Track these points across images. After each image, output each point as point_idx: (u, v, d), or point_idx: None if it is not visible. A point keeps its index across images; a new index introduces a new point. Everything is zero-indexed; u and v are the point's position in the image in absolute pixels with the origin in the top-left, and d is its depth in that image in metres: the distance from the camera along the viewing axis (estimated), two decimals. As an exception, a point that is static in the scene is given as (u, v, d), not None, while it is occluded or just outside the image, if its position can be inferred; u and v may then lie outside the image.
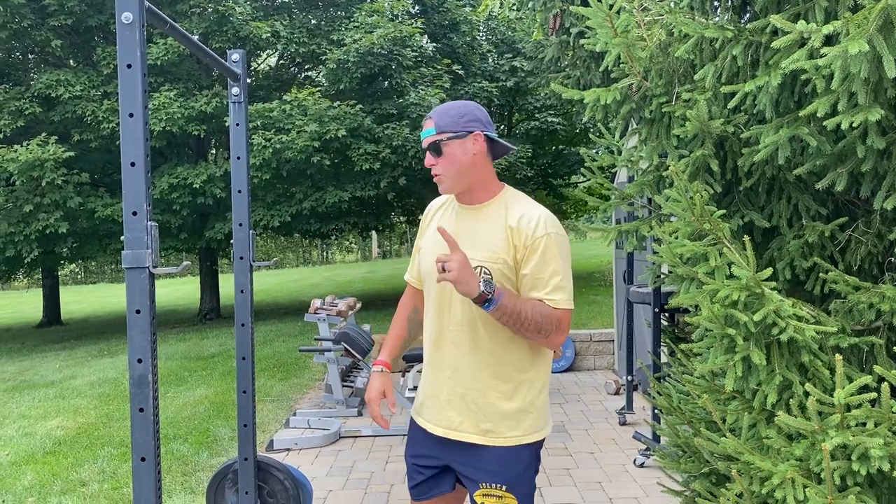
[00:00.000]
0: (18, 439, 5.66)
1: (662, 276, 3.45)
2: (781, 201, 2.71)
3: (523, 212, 2.06)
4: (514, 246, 2.03)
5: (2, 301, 27.12)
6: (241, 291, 3.06)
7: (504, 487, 2.08)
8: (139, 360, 1.96)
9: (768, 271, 2.22)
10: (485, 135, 2.09)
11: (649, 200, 3.58)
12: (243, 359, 3.05)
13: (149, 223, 1.95)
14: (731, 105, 2.46)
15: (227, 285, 16.62)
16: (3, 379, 8.73)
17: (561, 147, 16.44)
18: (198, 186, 11.02)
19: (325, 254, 40.89)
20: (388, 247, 38.38)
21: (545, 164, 15.99)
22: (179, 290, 24.24)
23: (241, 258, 3.08)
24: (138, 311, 1.95)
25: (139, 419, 1.98)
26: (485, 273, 2.04)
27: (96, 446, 5.31)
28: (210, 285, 14.00)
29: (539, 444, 2.16)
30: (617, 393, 6.43)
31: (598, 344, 7.66)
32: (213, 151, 13.89)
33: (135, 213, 1.94)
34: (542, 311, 2.00)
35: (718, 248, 2.38)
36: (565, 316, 2.03)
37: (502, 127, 16.00)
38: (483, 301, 1.93)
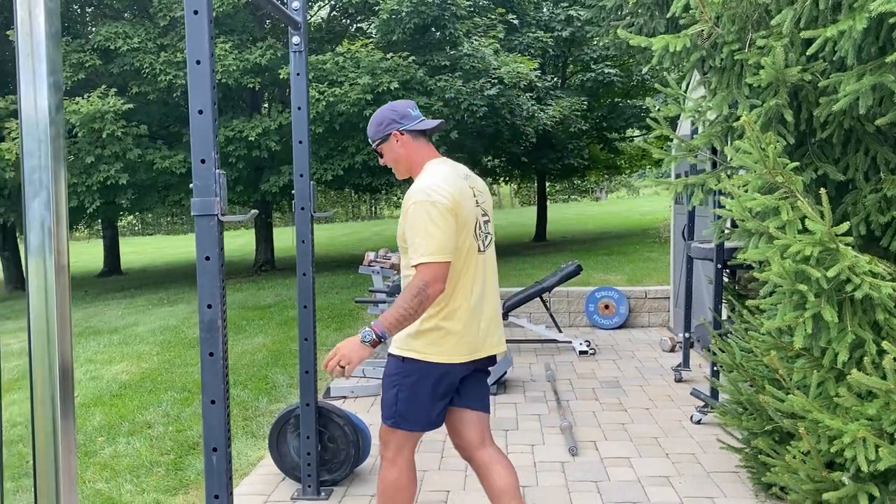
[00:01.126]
0: (86, 382, 5.90)
1: (727, 232, 3.36)
2: (858, 153, 2.60)
3: (412, 186, 2.48)
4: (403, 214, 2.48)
5: (65, 250, 28.02)
6: (303, 241, 3.09)
7: None
8: (209, 306, 2.00)
9: (845, 225, 2.15)
10: (402, 130, 2.54)
11: (714, 151, 3.46)
12: (304, 307, 3.09)
13: (217, 171, 1.96)
14: (809, 52, 2.35)
15: (280, 238, 16.87)
16: (70, 325, 9.07)
17: (616, 100, 16.04)
18: (253, 139, 11.11)
19: (373, 209, 41.10)
20: (438, 202, 38.30)
21: (600, 118, 15.65)
22: (234, 242, 24.73)
23: (303, 209, 3.10)
24: (208, 258, 1.99)
25: (209, 363, 2.03)
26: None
27: (160, 391, 5.50)
28: (265, 237, 14.22)
29: (404, 361, 2.62)
30: (672, 350, 6.37)
31: (653, 301, 7.58)
32: (267, 105, 13.96)
33: (203, 161, 1.96)
34: (406, 292, 2.35)
35: (791, 202, 2.30)
36: (421, 271, 2.34)
37: (556, 79, 15.65)
38: (376, 343, 2.40)
